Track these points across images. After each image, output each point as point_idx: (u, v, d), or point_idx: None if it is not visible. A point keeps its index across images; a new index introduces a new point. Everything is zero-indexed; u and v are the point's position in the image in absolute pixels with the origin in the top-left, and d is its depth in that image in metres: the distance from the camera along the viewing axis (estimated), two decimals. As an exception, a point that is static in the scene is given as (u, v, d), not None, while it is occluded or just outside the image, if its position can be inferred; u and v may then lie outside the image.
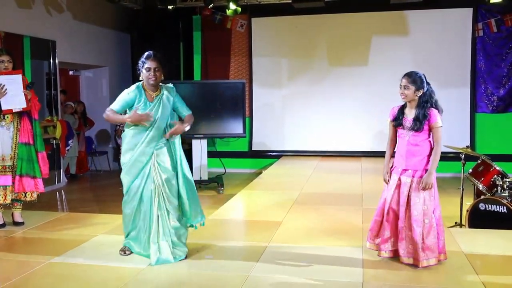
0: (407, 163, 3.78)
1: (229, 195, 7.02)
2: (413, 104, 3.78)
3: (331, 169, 8.77)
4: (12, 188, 4.94)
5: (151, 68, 3.94)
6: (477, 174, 5.77)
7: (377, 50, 9.70)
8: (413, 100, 3.77)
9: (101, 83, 10.12)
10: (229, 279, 3.62)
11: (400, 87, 3.78)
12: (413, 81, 3.73)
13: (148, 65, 3.94)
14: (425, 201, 3.70)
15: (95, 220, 5.37)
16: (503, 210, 5.12)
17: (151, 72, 3.94)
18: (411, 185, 3.75)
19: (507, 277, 3.60)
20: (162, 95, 4.02)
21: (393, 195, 3.84)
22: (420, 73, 3.78)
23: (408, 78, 3.75)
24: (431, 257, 3.70)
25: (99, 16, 9.58)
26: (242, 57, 10.33)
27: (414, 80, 3.73)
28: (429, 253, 3.69)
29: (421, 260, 3.68)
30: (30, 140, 5.02)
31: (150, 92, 4.01)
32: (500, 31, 9.16)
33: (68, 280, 3.64)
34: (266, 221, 5.24)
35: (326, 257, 4.04)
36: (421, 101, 3.74)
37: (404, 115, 3.83)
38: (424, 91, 3.73)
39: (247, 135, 9.64)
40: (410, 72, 3.79)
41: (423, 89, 3.73)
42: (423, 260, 3.68)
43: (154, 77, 3.95)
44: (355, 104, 9.81)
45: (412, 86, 3.73)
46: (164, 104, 4.00)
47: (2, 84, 4.77)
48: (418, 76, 3.75)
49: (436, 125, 3.69)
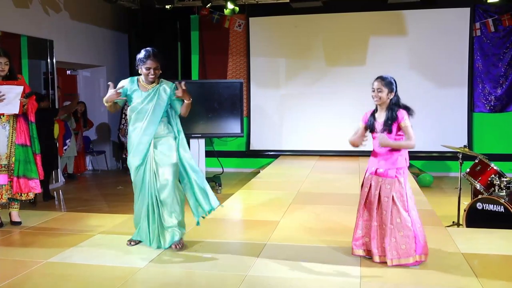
0: (379, 164, 3.83)
1: (227, 194, 7.02)
2: (383, 107, 3.84)
3: (328, 168, 8.78)
4: (8, 187, 4.94)
5: (151, 68, 4.05)
6: (474, 174, 5.78)
7: (374, 50, 9.71)
8: (384, 103, 3.82)
9: (98, 82, 10.10)
10: (227, 278, 3.62)
11: (374, 90, 3.82)
12: (387, 84, 3.79)
13: (148, 65, 4.04)
14: (396, 201, 3.72)
15: (92, 219, 5.36)
16: (501, 210, 5.13)
17: (150, 71, 4.06)
18: (381, 185, 3.78)
19: (504, 277, 3.60)
20: (159, 86, 4.15)
21: (367, 194, 3.88)
22: (391, 77, 3.84)
23: (382, 81, 3.80)
24: (403, 256, 3.71)
25: (97, 15, 9.57)
26: (240, 57, 10.33)
27: (387, 83, 3.79)
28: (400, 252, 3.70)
29: (388, 258, 3.72)
30: (27, 141, 5.01)
31: (145, 85, 4.14)
32: (498, 31, 9.18)
33: (66, 280, 3.63)
34: (264, 221, 5.25)
35: (324, 256, 4.05)
36: (391, 104, 3.79)
37: (375, 119, 3.89)
38: (394, 94, 3.79)
39: (244, 134, 9.63)
40: (384, 76, 3.84)
41: (394, 92, 3.79)
42: (392, 258, 3.71)
43: (153, 75, 4.08)
44: (353, 104, 9.79)
45: (386, 89, 3.78)
46: (160, 95, 4.12)
47: (2, 92, 4.78)
48: (390, 80, 3.81)
49: (404, 123, 3.73)
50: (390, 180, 3.75)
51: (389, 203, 3.73)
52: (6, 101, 4.81)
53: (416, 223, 3.76)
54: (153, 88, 4.12)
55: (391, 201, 3.73)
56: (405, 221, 3.71)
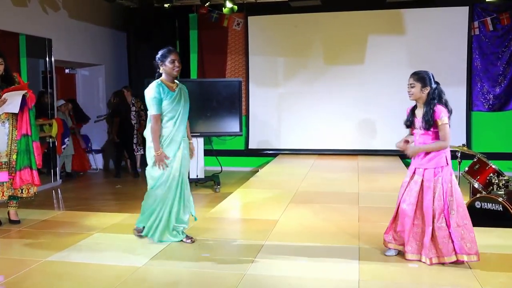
0: (417, 162, 3.81)
1: (226, 193, 7.02)
2: (421, 102, 3.80)
3: (327, 167, 8.78)
4: (9, 184, 4.94)
5: (175, 60, 4.26)
6: (473, 173, 5.78)
7: (373, 48, 9.70)
8: (420, 98, 3.78)
9: (97, 81, 10.08)
10: (225, 277, 3.62)
11: (408, 86, 3.80)
12: (419, 79, 3.76)
13: (173, 57, 4.26)
14: (435, 200, 3.71)
15: (91, 218, 5.36)
16: (499, 208, 5.14)
17: (175, 64, 4.26)
18: (422, 183, 3.77)
19: (503, 275, 3.61)
20: (178, 86, 4.36)
21: (407, 192, 3.85)
22: (427, 72, 3.80)
23: (414, 76, 3.79)
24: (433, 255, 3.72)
25: (95, 14, 9.55)
26: (239, 56, 10.32)
27: (419, 78, 3.76)
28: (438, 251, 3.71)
29: (422, 255, 3.73)
30: (29, 131, 5.03)
31: (170, 84, 4.30)
32: (496, 30, 9.19)
33: (65, 279, 3.63)
34: (263, 220, 5.25)
35: (323, 255, 4.05)
36: (429, 99, 3.74)
37: (415, 115, 3.86)
38: (431, 89, 3.74)
39: (243, 133, 9.63)
40: (417, 71, 3.82)
41: (430, 87, 3.74)
42: (425, 256, 3.71)
43: (178, 67, 4.29)
44: (351, 103, 9.82)
45: (418, 84, 3.75)
46: (184, 94, 4.36)
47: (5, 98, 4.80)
48: (424, 74, 3.77)
49: (441, 121, 3.67)
50: (429, 179, 3.75)
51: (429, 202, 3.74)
52: (7, 102, 4.83)
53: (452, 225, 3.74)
54: (177, 88, 4.32)
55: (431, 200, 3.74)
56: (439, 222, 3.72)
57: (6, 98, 4.79)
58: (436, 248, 3.72)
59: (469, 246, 3.69)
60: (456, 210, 3.70)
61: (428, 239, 3.72)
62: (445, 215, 3.71)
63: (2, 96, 4.79)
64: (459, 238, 3.68)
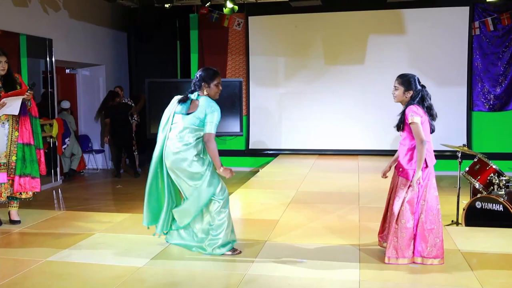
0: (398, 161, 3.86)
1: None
2: (404, 105, 3.83)
3: (328, 167, 8.77)
4: (7, 185, 4.94)
5: (220, 84, 4.09)
6: (473, 173, 5.78)
7: (373, 48, 9.70)
8: (403, 101, 3.82)
9: (97, 81, 10.09)
10: (226, 277, 3.62)
11: (393, 89, 3.84)
12: (403, 82, 3.79)
13: (219, 80, 4.07)
14: (404, 201, 3.72)
15: (91, 218, 5.36)
16: (500, 209, 5.13)
17: (220, 87, 4.09)
18: (396, 182, 3.82)
19: (503, 275, 3.61)
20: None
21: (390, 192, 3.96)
22: (413, 75, 3.82)
23: (399, 79, 3.82)
24: (400, 256, 3.73)
25: (96, 14, 9.55)
26: (239, 56, 10.32)
27: (403, 81, 3.79)
28: (398, 252, 3.72)
29: (386, 256, 3.75)
30: (31, 140, 5.03)
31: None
32: (497, 30, 9.18)
33: (65, 279, 3.63)
34: (263, 220, 5.25)
35: (323, 255, 4.05)
36: (408, 102, 3.77)
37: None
38: (414, 92, 3.75)
39: (244, 133, 9.64)
40: (402, 74, 3.85)
41: (412, 91, 3.76)
42: (389, 257, 3.74)
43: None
44: (352, 103, 9.82)
45: (401, 87, 3.79)
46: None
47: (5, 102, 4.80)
48: (408, 78, 3.79)
49: (410, 120, 3.67)
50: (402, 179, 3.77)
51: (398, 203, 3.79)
52: (7, 105, 4.84)
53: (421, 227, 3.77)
54: None
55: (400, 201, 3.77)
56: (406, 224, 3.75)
57: (5, 102, 4.80)
58: (396, 248, 3.74)
59: (429, 250, 3.72)
60: (425, 214, 3.72)
61: (391, 237, 3.75)
62: (415, 218, 3.73)
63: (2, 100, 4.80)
64: (421, 241, 3.72)
